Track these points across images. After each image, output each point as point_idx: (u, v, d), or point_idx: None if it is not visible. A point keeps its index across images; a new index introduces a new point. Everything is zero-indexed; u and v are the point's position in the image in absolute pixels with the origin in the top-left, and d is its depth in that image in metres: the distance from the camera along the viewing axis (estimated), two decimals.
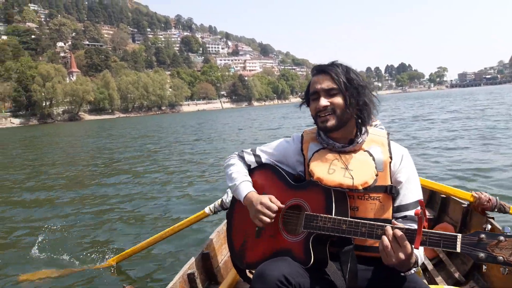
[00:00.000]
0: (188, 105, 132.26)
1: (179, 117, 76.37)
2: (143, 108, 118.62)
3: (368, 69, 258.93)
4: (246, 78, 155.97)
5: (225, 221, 2.13)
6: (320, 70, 1.64)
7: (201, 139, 22.36)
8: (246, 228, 1.80)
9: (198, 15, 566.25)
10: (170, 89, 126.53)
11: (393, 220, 1.54)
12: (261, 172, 1.86)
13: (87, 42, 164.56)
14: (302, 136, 1.81)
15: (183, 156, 14.79)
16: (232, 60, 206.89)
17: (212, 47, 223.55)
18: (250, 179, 1.83)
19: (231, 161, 1.93)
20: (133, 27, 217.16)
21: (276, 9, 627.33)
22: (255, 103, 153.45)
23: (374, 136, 1.69)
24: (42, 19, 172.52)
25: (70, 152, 20.83)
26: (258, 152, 1.91)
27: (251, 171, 1.89)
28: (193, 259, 2.51)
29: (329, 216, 1.50)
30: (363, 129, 1.67)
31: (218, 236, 2.92)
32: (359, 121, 1.65)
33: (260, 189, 1.78)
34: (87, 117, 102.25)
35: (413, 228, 1.38)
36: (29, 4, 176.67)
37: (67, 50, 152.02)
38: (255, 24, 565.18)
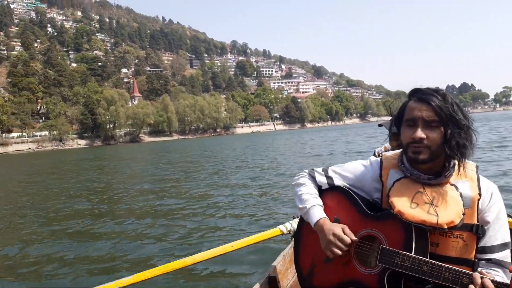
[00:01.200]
0: (242, 127, 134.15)
1: (234, 138, 77.43)
2: (199, 130, 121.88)
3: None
4: (299, 100, 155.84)
5: (291, 243, 2.08)
6: (421, 97, 1.49)
7: (260, 158, 22.45)
8: (316, 252, 1.70)
9: (253, 40, 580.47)
10: (225, 112, 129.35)
11: (480, 269, 1.41)
12: (333, 195, 1.75)
13: (148, 68, 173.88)
14: (381, 160, 1.68)
15: (246, 174, 14.88)
16: (285, 82, 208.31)
17: (266, 71, 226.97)
18: (322, 203, 1.73)
19: (301, 180, 1.82)
20: (191, 53, 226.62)
21: (329, 32, 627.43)
22: (308, 125, 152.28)
23: (462, 169, 1.53)
24: (108, 47, 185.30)
25: (142, 170, 21.51)
26: (330, 173, 1.79)
27: (321, 192, 1.79)
28: (258, 285, 2.40)
29: (410, 254, 1.40)
30: (452, 162, 1.53)
31: (284, 259, 2.72)
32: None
33: (331, 214, 1.69)
34: (147, 139, 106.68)
35: (505, 283, 1.26)
36: (96, 34, 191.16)
37: (130, 76, 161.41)
38: (308, 47, 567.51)
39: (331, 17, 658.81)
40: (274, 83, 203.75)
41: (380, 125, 3.64)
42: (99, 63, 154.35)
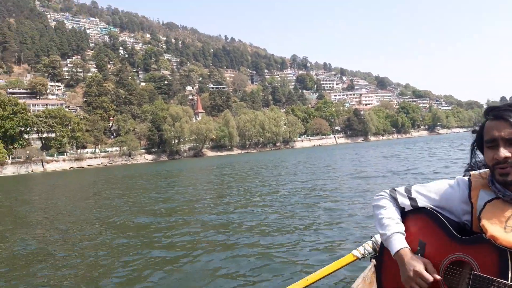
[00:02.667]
0: (302, 141, 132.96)
1: (294, 152, 76.69)
2: (259, 145, 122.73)
3: (503, 98, 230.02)
4: (361, 112, 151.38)
5: (371, 265, 2.06)
6: (497, 115, 1.41)
7: (327, 172, 21.74)
8: (398, 278, 1.59)
9: (313, 53, 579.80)
10: (284, 126, 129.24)
11: None
12: (418, 218, 1.64)
13: (211, 85, 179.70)
14: (469, 180, 1.56)
15: (318, 191, 14.33)
16: (347, 95, 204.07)
17: (326, 84, 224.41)
18: (403, 229, 1.62)
19: (381, 202, 1.72)
20: (252, 69, 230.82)
21: (393, 42, 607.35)
22: (372, 138, 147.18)
23: None
24: (174, 67, 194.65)
25: (210, 184, 21.73)
26: (413, 193, 1.67)
27: (405, 214, 1.69)
28: None
29: (506, 282, 1.29)
30: None
31: (364, 281, 2.62)
32: None
33: (415, 237, 1.61)
34: (209, 153, 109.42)
35: None
36: (164, 54, 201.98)
37: (194, 93, 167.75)
38: (371, 58, 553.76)
39: (394, 27, 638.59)
40: (335, 95, 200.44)
41: (474, 132, 2.93)
42: (166, 82, 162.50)
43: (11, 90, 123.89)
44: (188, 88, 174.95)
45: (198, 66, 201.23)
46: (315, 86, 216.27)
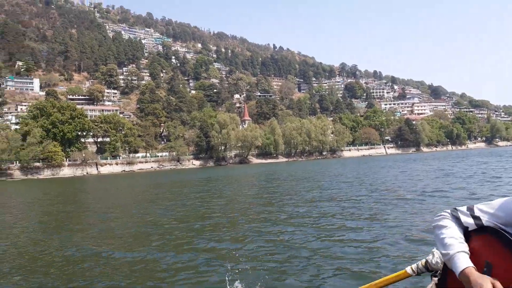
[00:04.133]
0: (350, 150, 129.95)
1: (343, 162, 74.99)
2: (305, 153, 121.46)
3: None
4: (413, 122, 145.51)
5: (431, 284, 1.99)
6: None
7: (382, 184, 20.96)
8: None
9: (363, 61, 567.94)
10: (331, 135, 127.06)
11: None
12: (483, 237, 1.57)
13: (258, 93, 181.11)
14: None
15: (372, 203, 14.03)
16: (398, 104, 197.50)
17: (376, 92, 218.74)
18: (467, 248, 1.55)
19: (442, 222, 1.66)
20: (300, 77, 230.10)
21: (448, 49, 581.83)
22: (424, 149, 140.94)
23: None
24: (223, 75, 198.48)
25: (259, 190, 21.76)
26: (477, 212, 1.61)
27: (468, 234, 1.62)
28: None
29: None
30: None
31: None
32: None
33: (481, 258, 1.52)
34: (255, 160, 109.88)
35: None
36: (214, 63, 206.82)
37: (241, 101, 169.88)
38: (424, 66, 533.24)
39: (451, 34, 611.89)
40: (386, 104, 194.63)
41: None
42: (215, 90, 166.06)
43: (71, 96, 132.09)
44: (236, 96, 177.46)
45: (246, 74, 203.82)
46: (365, 94, 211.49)
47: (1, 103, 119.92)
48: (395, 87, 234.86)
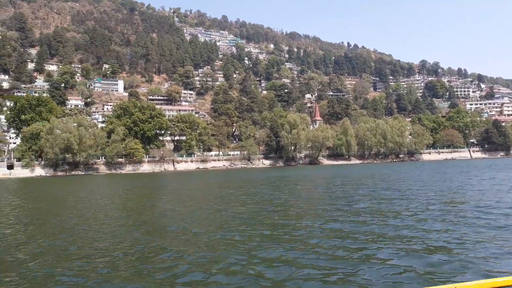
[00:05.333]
0: (429, 153, 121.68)
1: (423, 166, 70.40)
2: (380, 155, 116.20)
3: None
4: (503, 124, 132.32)
5: None
6: None
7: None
8: None
9: (446, 58, 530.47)
10: (409, 136, 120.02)
11: None
12: None
13: (331, 93, 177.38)
14: None
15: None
16: (485, 104, 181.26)
17: (460, 91, 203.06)
18: None
19: None
20: (375, 76, 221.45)
21: None
22: None
23: None
24: (295, 75, 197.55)
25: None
26: None
27: None
28: None
29: None
30: None
31: None
32: None
33: None
34: (325, 161, 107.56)
35: None
36: (285, 63, 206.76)
37: (313, 101, 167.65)
38: None
39: None
40: (471, 104, 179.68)
41: None
42: (286, 90, 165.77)
43: (151, 97, 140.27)
44: (307, 95, 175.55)
45: (318, 74, 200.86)
46: (447, 93, 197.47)
47: (90, 103, 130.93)
48: (482, 85, 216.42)
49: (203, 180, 43.93)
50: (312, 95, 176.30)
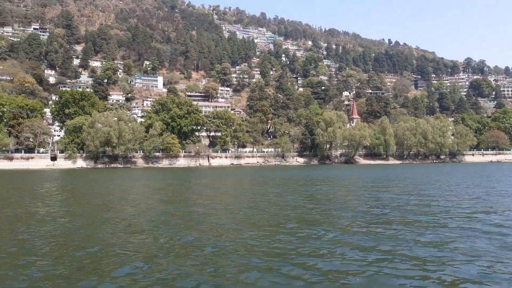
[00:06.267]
0: (473, 155, 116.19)
1: (472, 168, 67.15)
2: (419, 156, 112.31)
3: None
4: None
5: None
6: None
7: None
8: None
9: (492, 56, 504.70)
10: (452, 137, 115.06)
11: None
12: None
13: (369, 91, 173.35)
14: None
15: None
16: None
17: (507, 90, 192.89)
18: None
19: None
20: (417, 73, 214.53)
21: None
22: None
23: None
24: (333, 72, 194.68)
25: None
26: None
27: None
28: None
29: None
30: None
31: None
32: None
33: None
34: (362, 161, 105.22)
35: None
36: (323, 60, 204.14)
37: (350, 99, 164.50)
38: None
39: None
40: None
41: None
42: (323, 87, 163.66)
43: (188, 93, 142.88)
44: (345, 93, 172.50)
45: (357, 71, 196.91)
46: (493, 93, 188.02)
47: (130, 98, 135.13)
48: None
49: (242, 176, 44.12)
50: (350, 93, 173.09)
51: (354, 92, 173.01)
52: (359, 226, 11.98)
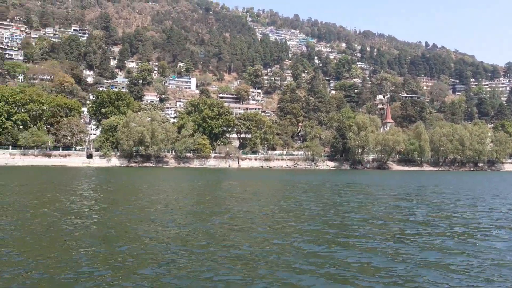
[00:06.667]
0: None
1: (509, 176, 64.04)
2: (456, 163, 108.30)
3: None
4: None
5: None
6: None
7: None
8: None
9: None
10: (491, 144, 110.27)
11: None
12: None
13: (405, 94, 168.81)
14: None
15: None
16: None
17: None
18: None
19: None
20: (455, 78, 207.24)
21: None
22: None
23: None
24: (366, 75, 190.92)
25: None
26: None
27: None
28: None
29: None
30: None
31: None
32: None
33: None
34: (395, 166, 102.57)
35: None
36: (357, 63, 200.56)
37: (384, 102, 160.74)
38: None
39: None
40: None
41: None
42: (356, 90, 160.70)
43: (220, 95, 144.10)
44: (379, 97, 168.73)
45: (392, 74, 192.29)
46: None
47: (164, 99, 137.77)
48: None
49: (274, 179, 43.87)
50: (384, 96, 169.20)
51: (389, 95, 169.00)
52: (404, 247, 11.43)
